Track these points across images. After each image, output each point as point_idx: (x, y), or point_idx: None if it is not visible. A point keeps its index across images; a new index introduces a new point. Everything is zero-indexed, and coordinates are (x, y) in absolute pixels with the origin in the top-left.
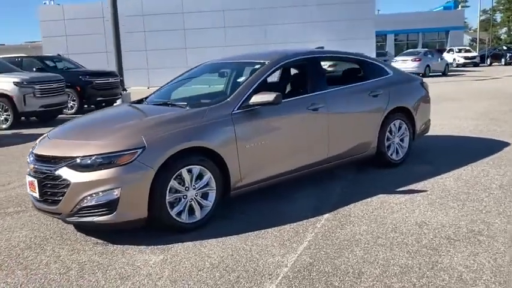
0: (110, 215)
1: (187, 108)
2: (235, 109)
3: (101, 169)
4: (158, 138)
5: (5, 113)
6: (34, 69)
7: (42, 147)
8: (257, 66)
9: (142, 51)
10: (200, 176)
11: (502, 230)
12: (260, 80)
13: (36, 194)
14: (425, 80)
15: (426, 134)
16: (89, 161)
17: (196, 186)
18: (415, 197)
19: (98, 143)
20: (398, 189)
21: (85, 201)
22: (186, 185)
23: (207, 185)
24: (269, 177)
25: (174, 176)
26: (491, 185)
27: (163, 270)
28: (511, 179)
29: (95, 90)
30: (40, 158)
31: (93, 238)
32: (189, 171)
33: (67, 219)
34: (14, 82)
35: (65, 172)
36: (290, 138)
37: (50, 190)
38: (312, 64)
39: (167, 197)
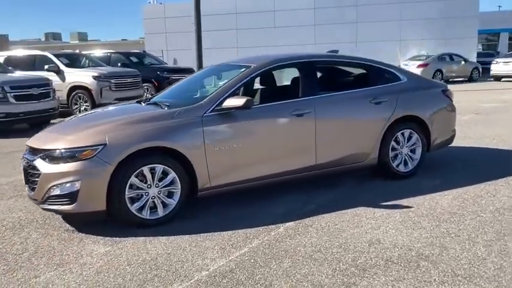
0: (71, 205)
1: (166, 108)
2: (208, 112)
3: (66, 162)
4: (120, 137)
5: (84, 104)
6: (119, 64)
7: (32, 139)
8: (241, 70)
9: (233, 49)
10: (164, 175)
11: (453, 257)
12: (239, 84)
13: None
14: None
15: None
16: (56, 154)
17: (160, 184)
18: (393, 213)
19: (67, 138)
20: (383, 203)
21: (51, 190)
22: (148, 182)
23: (171, 184)
24: (242, 180)
25: (134, 173)
26: (488, 208)
27: (98, 261)
28: None
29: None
30: (28, 149)
31: (68, 225)
32: (152, 169)
33: (40, 206)
34: (93, 76)
35: (38, 163)
36: (268, 142)
37: (31, 178)
38: (302, 69)
39: (127, 193)
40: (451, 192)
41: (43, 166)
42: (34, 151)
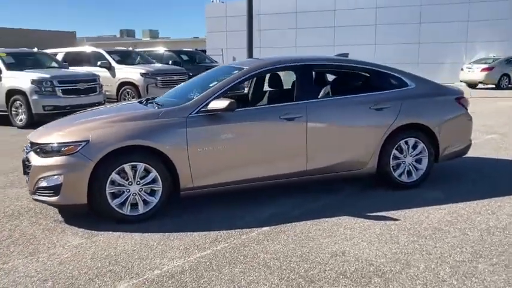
0: (55, 197)
1: (156, 108)
2: (193, 113)
3: (52, 156)
4: (103, 134)
5: (132, 99)
6: (170, 62)
7: (33, 133)
8: (233, 72)
9: (292, 48)
10: (146, 173)
11: (412, 276)
12: (227, 87)
13: None
14: None
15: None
16: (46, 148)
17: (141, 182)
18: (374, 225)
19: (58, 134)
20: (371, 214)
21: (39, 182)
22: (130, 179)
23: (153, 182)
24: (227, 182)
25: (115, 170)
26: (479, 226)
27: (66, 253)
28: (511, 223)
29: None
30: (29, 142)
31: (59, 216)
32: (133, 167)
33: (31, 196)
34: (140, 73)
35: (31, 155)
36: (255, 146)
37: (27, 170)
38: (297, 73)
39: (107, 188)
40: (448, 207)
41: (34, 159)
42: (31, 144)
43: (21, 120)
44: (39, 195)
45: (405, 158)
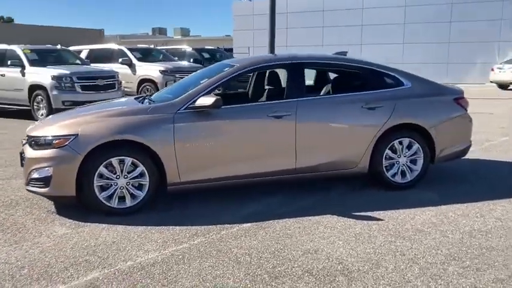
0: (45, 189)
1: (147, 103)
2: (181, 109)
3: (43, 149)
4: (92, 129)
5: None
6: (191, 59)
7: (31, 126)
8: (225, 69)
9: (319, 46)
10: (134, 167)
11: (378, 276)
12: (216, 84)
13: None
14: None
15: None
16: (38, 141)
17: (129, 176)
18: (355, 224)
19: (51, 127)
20: (356, 213)
21: (32, 174)
22: (117, 173)
23: (140, 176)
24: (214, 178)
25: (103, 164)
26: (463, 229)
27: (49, 242)
28: (499, 227)
29: (235, 82)
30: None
31: (53, 207)
32: (121, 161)
33: (25, 187)
34: (160, 70)
35: (26, 148)
36: (243, 143)
37: (23, 162)
38: (287, 70)
39: (95, 181)
40: (438, 208)
41: (28, 151)
42: (27, 137)
43: (42, 114)
44: (31, 186)
45: (399, 158)
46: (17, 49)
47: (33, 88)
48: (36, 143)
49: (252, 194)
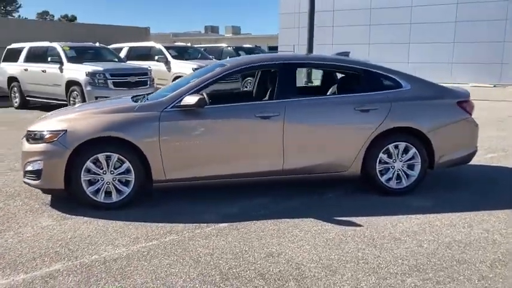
0: (37, 181)
1: (143, 102)
2: (168, 108)
3: (36, 143)
4: (80, 125)
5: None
6: (228, 57)
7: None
8: (216, 69)
9: (365, 45)
10: (120, 164)
11: (331, 283)
12: (205, 83)
13: None
14: None
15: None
16: (32, 136)
17: (115, 171)
18: (331, 229)
19: (45, 122)
20: (336, 218)
21: (26, 166)
22: (104, 169)
23: (126, 172)
24: (200, 177)
25: (90, 159)
26: (443, 239)
27: (30, 232)
28: (482, 239)
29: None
30: None
31: (48, 199)
32: (108, 157)
33: (23, 179)
34: (192, 68)
35: (23, 141)
36: (229, 143)
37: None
38: (278, 71)
39: (82, 176)
40: (425, 217)
41: (24, 145)
42: (26, 132)
43: None
44: (26, 178)
45: (394, 163)
46: (57, 46)
47: (70, 84)
48: (31, 137)
49: (240, 194)
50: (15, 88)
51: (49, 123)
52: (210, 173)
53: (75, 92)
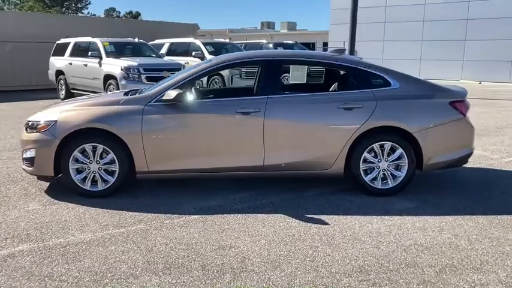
0: (31, 168)
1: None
2: (152, 102)
3: (31, 132)
4: (69, 116)
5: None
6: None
7: None
8: (202, 65)
9: (418, 41)
10: (105, 154)
11: (266, 278)
12: (188, 78)
13: None
14: None
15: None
16: (29, 125)
17: (100, 161)
18: (296, 226)
19: (40, 114)
20: (308, 215)
21: (23, 154)
22: (90, 158)
23: (111, 163)
24: (182, 170)
25: (78, 149)
26: (404, 242)
27: (14, 215)
28: (446, 244)
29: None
30: None
31: (45, 185)
32: (94, 147)
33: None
34: None
35: (23, 130)
36: (210, 137)
37: None
38: (262, 67)
39: (70, 164)
40: (401, 219)
41: (23, 133)
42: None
43: None
44: (24, 164)
45: (379, 163)
46: (98, 42)
47: (107, 77)
48: (28, 126)
49: (224, 188)
50: (62, 81)
51: (44, 114)
52: (191, 167)
53: (111, 86)
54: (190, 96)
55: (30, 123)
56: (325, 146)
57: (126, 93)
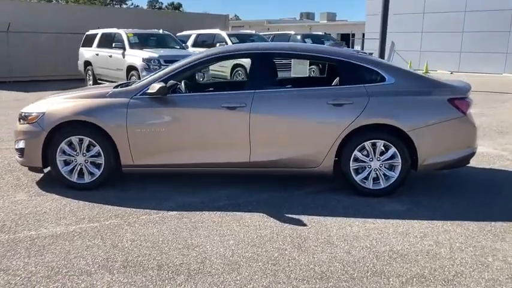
0: (21, 159)
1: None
2: (137, 95)
3: (22, 124)
4: (56, 108)
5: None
6: None
7: None
8: (190, 58)
9: (458, 33)
10: (92, 147)
11: (221, 281)
12: (175, 72)
13: None
14: None
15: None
16: (21, 116)
17: (87, 154)
18: (270, 227)
19: (32, 105)
20: (287, 215)
21: (16, 144)
22: (77, 151)
23: (98, 156)
24: (166, 164)
25: (64, 141)
26: (380, 248)
27: (1, 204)
28: (423, 251)
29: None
30: None
31: (38, 176)
32: (80, 140)
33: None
34: None
35: (17, 121)
36: (194, 132)
37: None
38: (252, 61)
39: (58, 156)
40: (384, 222)
41: (16, 124)
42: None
43: None
44: (16, 155)
45: (371, 162)
46: (122, 33)
47: (130, 69)
48: (21, 117)
49: (212, 183)
50: (89, 71)
51: (35, 105)
52: (176, 161)
53: (133, 77)
54: (176, 90)
55: (22, 114)
56: (314, 143)
57: (116, 86)
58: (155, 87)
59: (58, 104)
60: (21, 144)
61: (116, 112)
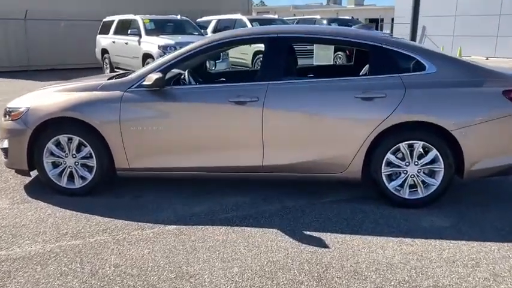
0: (6, 160)
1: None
2: (132, 87)
3: (6, 120)
4: (42, 103)
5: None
6: None
7: None
8: (192, 44)
9: (495, 16)
10: (83, 148)
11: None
12: (175, 60)
13: None
14: None
15: None
16: (5, 112)
17: (77, 155)
18: (283, 247)
19: (17, 99)
20: (305, 232)
21: (1, 144)
22: (66, 151)
23: (89, 157)
24: (166, 168)
25: (51, 140)
26: (422, 284)
27: None
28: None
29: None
30: None
31: (26, 180)
32: (69, 139)
33: None
34: None
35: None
36: (196, 131)
37: None
38: (266, 47)
39: (45, 158)
40: (425, 244)
41: (1, 120)
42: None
43: None
44: (3, 155)
45: (407, 167)
46: (138, 19)
47: (146, 56)
48: (6, 113)
49: (220, 189)
50: (107, 60)
51: (20, 99)
52: (177, 165)
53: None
54: (179, 81)
55: (7, 109)
56: (338, 144)
57: (111, 77)
58: (151, 78)
59: (44, 98)
60: (6, 144)
61: (107, 107)
